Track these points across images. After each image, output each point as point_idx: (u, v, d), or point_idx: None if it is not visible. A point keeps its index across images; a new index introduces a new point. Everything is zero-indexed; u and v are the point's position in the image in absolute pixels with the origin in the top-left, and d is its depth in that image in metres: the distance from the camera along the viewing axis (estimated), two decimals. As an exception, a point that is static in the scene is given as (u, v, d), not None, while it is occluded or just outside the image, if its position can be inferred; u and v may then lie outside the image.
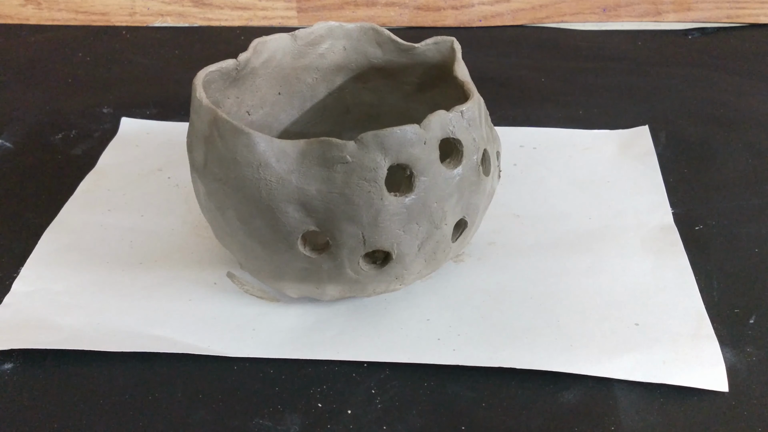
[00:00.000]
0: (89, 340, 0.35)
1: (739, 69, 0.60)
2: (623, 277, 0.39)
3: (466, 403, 0.33)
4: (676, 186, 0.46)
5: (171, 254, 0.41)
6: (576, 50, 0.64)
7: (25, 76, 0.60)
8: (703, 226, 0.43)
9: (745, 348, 0.35)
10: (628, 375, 0.33)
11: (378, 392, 0.33)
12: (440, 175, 0.32)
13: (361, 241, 0.32)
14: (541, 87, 0.58)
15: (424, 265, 0.34)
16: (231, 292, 0.38)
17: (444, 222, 0.33)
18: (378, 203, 0.31)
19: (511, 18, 0.68)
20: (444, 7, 0.68)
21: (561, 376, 0.33)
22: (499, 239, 0.42)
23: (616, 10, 0.67)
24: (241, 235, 0.33)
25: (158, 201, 0.45)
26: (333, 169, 0.30)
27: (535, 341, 0.35)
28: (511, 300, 0.37)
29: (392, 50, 0.39)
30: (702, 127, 0.52)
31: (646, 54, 0.63)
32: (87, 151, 0.50)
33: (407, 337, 0.35)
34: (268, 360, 0.34)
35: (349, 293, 0.35)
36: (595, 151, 0.49)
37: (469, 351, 0.34)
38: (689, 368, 0.33)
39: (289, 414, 0.32)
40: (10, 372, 0.34)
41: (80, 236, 0.42)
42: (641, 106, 0.55)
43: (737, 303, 0.37)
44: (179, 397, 0.33)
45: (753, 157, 0.49)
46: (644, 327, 0.36)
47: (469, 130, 0.33)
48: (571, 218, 0.43)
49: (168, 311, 0.37)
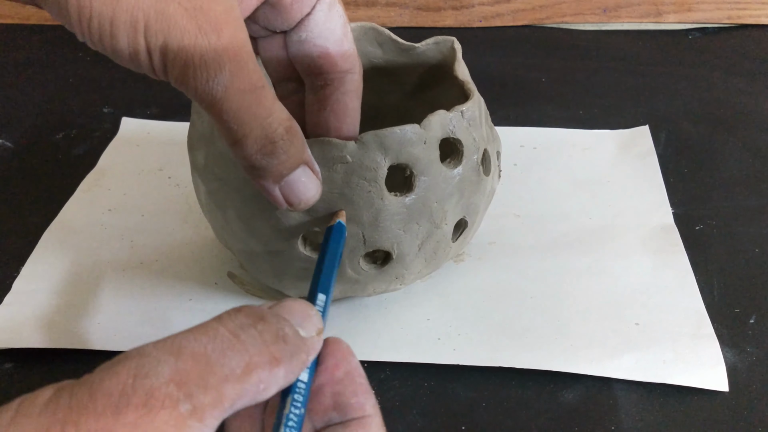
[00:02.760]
0: (89, 339, 0.35)
1: (739, 69, 0.60)
2: (623, 276, 0.39)
3: (466, 403, 0.33)
4: (677, 186, 0.46)
5: (171, 254, 0.41)
6: (576, 50, 0.64)
7: (25, 76, 0.60)
8: (704, 226, 0.43)
9: (745, 348, 0.35)
10: (628, 375, 0.33)
11: (378, 392, 0.33)
12: (440, 174, 0.32)
13: (361, 241, 0.32)
14: (541, 87, 0.58)
15: (424, 264, 0.34)
16: (231, 292, 0.38)
17: (444, 222, 0.33)
18: (378, 203, 0.31)
19: (512, 18, 0.68)
20: (444, 8, 0.68)
21: (561, 375, 0.33)
22: (499, 239, 0.42)
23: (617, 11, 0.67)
24: (241, 235, 0.33)
25: (159, 201, 0.45)
26: (333, 169, 0.30)
27: (535, 341, 0.35)
28: (511, 300, 0.37)
29: (392, 50, 0.39)
30: (702, 127, 0.52)
31: (646, 54, 0.63)
32: (87, 151, 0.50)
33: (407, 337, 0.35)
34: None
35: (350, 293, 0.35)
36: (596, 151, 0.49)
37: (469, 351, 0.34)
38: (689, 368, 0.33)
39: (289, 413, 0.32)
40: (10, 371, 0.34)
41: (81, 236, 0.42)
42: (641, 106, 0.55)
43: (737, 303, 0.37)
44: (179, 397, 0.33)
45: (753, 157, 0.49)
46: (644, 327, 0.36)
47: (470, 129, 0.33)
48: (571, 218, 0.43)
49: (168, 311, 0.37)
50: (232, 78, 0.24)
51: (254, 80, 0.25)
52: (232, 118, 0.25)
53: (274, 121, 0.25)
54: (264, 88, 0.25)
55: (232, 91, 0.24)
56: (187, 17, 0.23)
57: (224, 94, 0.24)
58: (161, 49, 0.23)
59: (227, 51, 0.24)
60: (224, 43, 0.23)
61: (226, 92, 0.24)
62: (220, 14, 0.23)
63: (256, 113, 0.25)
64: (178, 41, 0.23)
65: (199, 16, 0.23)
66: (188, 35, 0.23)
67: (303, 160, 0.27)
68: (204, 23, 0.23)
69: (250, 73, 0.24)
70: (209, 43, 0.23)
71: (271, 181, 0.27)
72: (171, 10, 0.23)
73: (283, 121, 0.26)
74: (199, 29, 0.23)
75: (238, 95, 0.24)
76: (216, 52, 0.23)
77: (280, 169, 0.27)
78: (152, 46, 0.23)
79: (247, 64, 0.24)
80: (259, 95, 0.25)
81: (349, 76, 0.30)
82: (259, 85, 0.25)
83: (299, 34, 0.29)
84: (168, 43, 0.23)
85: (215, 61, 0.23)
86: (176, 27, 0.23)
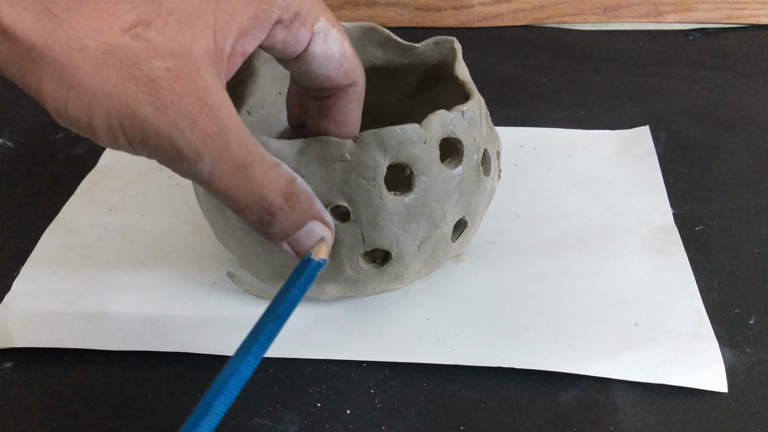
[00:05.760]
0: (89, 339, 0.35)
1: (739, 69, 0.60)
2: (623, 277, 0.39)
3: (466, 403, 0.33)
4: (677, 186, 0.46)
5: (171, 254, 0.41)
6: (577, 50, 0.64)
7: (25, 76, 0.60)
8: (704, 226, 0.43)
9: (744, 348, 0.35)
10: (627, 375, 0.33)
11: (377, 392, 0.33)
12: (440, 174, 0.32)
13: (360, 240, 0.32)
14: (541, 87, 0.58)
15: (423, 264, 0.34)
16: (231, 291, 0.38)
17: (444, 222, 0.33)
18: (377, 202, 0.31)
19: (512, 18, 0.68)
20: (444, 8, 0.68)
21: (560, 376, 0.33)
22: (499, 239, 0.42)
23: (617, 11, 0.67)
24: (240, 235, 0.33)
25: (159, 200, 0.45)
26: (332, 168, 0.30)
27: (534, 341, 0.35)
28: (510, 300, 0.37)
29: (393, 50, 0.39)
30: (703, 127, 0.52)
31: (646, 54, 0.63)
32: (88, 151, 0.50)
33: (407, 337, 0.35)
34: (268, 359, 0.34)
35: (349, 292, 0.35)
36: (596, 151, 0.49)
37: (468, 351, 0.34)
38: (688, 368, 0.33)
39: (288, 413, 0.32)
40: (10, 370, 0.34)
41: (81, 235, 0.42)
42: (642, 106, 0.55)
43: (737, 303, 0.37)
44: (178, 396, 0.33)
45: (753, 157, 0.49)
46: (644, 327, 0.36)
47: (470, 129, 0.33)
48: (571, 218, 0.43)
49: (168, 311, 0.37)
50: (213, 164, 0.24)
51: (240, 159, 0.24)
52: (224, 197, 0.25)
53: (270, 193, 0.25)
54: (252, 164, 0.25)
55: (217, 175, 0.24)
56: (158, 116, 0.23)
57: (210, 179, 0.24)
58: (141, 145, 0.23)
59: (204, 140, 0.23)
60: (199, 133, 0.23)
61: (211, 177, 0.24)
62: (193, 104, 0.23)
63: (247, 190, 0.25)
64: (155, 140, 0.23)
65: (170, 113, 0.23)
66: (163, 134, 0.23)
67: (310, 218, 0.27)
68: (177, 119, 0.23)
69: (233, 154, 0.24)
70: (184, 136, 0.23)
71: (278, 241, 0.27)
72: (142, 112, 0.22)
73: (281, 191, 0.26)
74: (172, 126, 0.23)
75: (224, 178, 0.24)
76: (192, 144, 0.23)
77: (286, 232, 0.27)
78: (133, 142, 0.23)
79: (229, 145, 0.24)
80: (247, 173, 0.25)
81: (351, 89, 0.30)
82: (247, 163, 0.24)
83: (298, 66, 0.29)
84: (146, 141, 0.23)
85: (193, 152, 0.23)
86: (150, 128, 0.23)
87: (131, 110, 0.22)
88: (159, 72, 0.22)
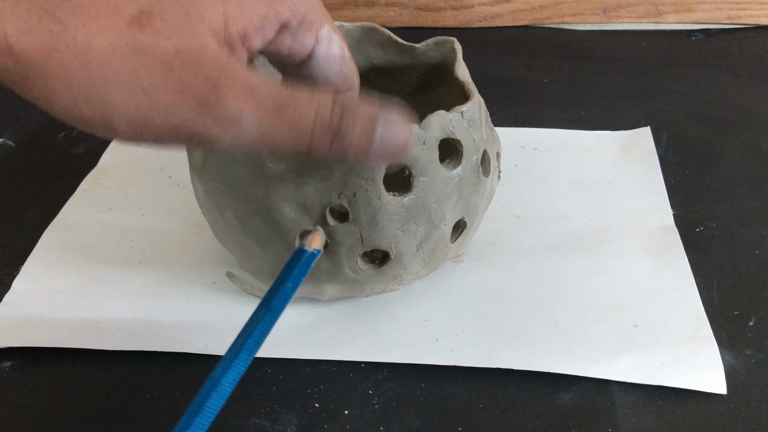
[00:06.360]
0: (88, 338, 0.35)
1: (741, 71, 0.60)
2: (623, 278, 0.39)
3: (464, 404, 0.33)
4: (677, 187, 0.46)
5: (171, 253, 0.41)
6: (577, 51, 0.64)
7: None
8: (704, 228, 0.42)
9: (743, 350, 0.35)
10: (626, 376, 0.33)
11: (375, 393, 0.33)
12: (439, 175, 0.32)
13: (359, 240, 0.32)
14: (542, 88, 0.58)
15: (422, 265, 0.34)
16: (230, 291, 0.38)
17: (443, 222, 0.33)
18: (376, 202, 0.31)
19: (512, 19, 0.68)
20: (444, 8, 0.68)
21: (559, 377, 0.33)
22: (499, 239, 0.42)
23: (617, 11, 0.67)
24: (239, 235, 0.33)
25: (159, 200, 0.45)
26: (331, 168, 0.30)
27: (533, 342, 0.35)
28: (510, 301, 0.37)
29: (393, 50, 0.39)
30: (703, 129, 0.52)
31: (647, 55, 0.63)
32: (88, 150, 0.50)
33: (405, 338, 0.35)
34: (266, 359, 0.34)
35: (348, 293, 0.35)
36: (597, 152, 0.49)
37: (467, 352, 0.34)
38: (687, 370, 0.33)
39: (286, 414, 0.32)
40: (9, 370, 0.34)
41: (81, 235, 0.42)
42: (643, 107, 0.54)
43: (737, 305, 0.37)
44: (177, 396, 0.33)
45: (754, 158, 0.49)
46: (643, 328, 0.36)
47: (469, 130, 0.33)
48: (571, 219, 0.43)
49: (167, 311, 0.37)
50: (256, 122, 0.23)
51: (278, 102, 0.24)
52: (283, 145, 0.24)
53: (322, 109, 0.24)
54: (293, 99, 0.24)
55: (264, 129, 0.23)
56: (179, 99, 0.22)
57: (259, 136, 0.24)
58: (170, 132, 0.23)
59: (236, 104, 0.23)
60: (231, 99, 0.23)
61: (260, 134, 0.23)
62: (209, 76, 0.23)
63: (300, 124, 0.24)
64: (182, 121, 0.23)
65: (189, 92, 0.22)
66: (188, 112, 0.23)
67: (376, 111, 0.25)
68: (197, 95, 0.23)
69: (268, 102, 0.23)
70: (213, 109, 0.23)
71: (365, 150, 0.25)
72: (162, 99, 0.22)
73: (329, 102, 0.24)
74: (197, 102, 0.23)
75: (272, 130, 0.24)
76: (224, 113, 0.23)
77: (362, 133, 0.25)
78: (160, 131, 0.23)
79: (262, 99, 0.23)
80: (289, 111, 0.24)
81: (348, 94, 0.30)
82: (287, 102, 0.24)
83: (299, 71, 0.29)
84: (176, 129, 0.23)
85: (230, 119, 0.23)
86: (174, 108, 0.23)
87: (152, 99, 0.22)
88: (168, 53, 0.22)
